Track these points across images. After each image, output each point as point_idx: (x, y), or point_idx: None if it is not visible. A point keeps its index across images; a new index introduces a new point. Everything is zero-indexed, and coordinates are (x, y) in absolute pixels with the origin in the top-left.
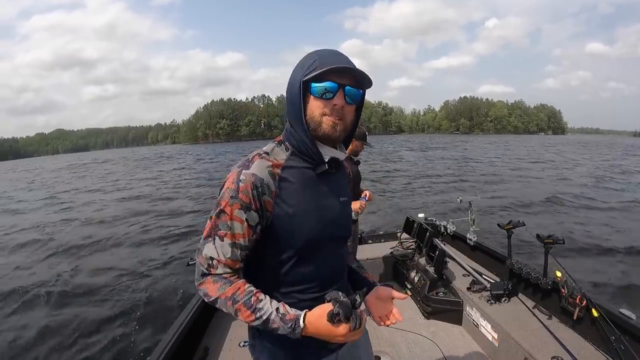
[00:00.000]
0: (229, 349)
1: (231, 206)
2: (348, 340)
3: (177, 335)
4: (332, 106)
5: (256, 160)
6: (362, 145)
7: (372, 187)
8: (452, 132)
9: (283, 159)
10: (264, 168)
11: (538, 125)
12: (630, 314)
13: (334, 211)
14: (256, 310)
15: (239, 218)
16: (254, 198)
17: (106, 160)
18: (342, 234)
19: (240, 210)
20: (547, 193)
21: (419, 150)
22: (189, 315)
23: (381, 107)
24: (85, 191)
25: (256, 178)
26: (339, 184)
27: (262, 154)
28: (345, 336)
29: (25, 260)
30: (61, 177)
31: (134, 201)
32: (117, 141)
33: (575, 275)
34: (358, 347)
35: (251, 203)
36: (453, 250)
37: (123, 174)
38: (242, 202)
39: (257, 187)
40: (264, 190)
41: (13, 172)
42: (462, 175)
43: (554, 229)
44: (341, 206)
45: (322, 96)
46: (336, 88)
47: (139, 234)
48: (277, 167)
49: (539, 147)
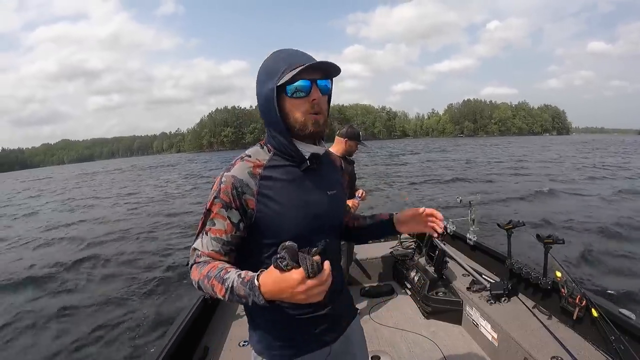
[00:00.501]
0: (229, 349)
1: (214, 205)
2: (313, 295)
3: (177, 335)
4: (311, 102)
5: (237, 164)
6: (357, 145)
7: (374, 187)
8: (456, 135)
9: (265, 159)
10: (244, 169)
11: (542, 126)
12: (630, 314)
13: (321, 205)
14: (224, 281)
15: (221, 215)
16: (233, 197)
17: (123, 170)
18: (331, 227)
19: (222, 208)
20: (547, 192)
21: (422, 152)
22: (189, 315)
23: (385, 112)
24: (92, 198)
25: (235, 179)
26: (328, 178)
27: (244, 157)
28: (304, 285)
29: (25, 258)
30: (77, 185)
31: (140, 206)
32: (122, 151)
33: (575, 275)
34: (353, 344)
35: (231, 202)
36: (453, 250)
37: (131, 181)
38: (223, 201)
39: (236, 187)
40: (244, 189)
41: (21, 182)
42: (463, 175)
43: (554, 228)
44: (330, 199)
45: (298, 95)
46: (309, 84)
47: (142, 235)
48: (259, 167)
49: (541, 147)
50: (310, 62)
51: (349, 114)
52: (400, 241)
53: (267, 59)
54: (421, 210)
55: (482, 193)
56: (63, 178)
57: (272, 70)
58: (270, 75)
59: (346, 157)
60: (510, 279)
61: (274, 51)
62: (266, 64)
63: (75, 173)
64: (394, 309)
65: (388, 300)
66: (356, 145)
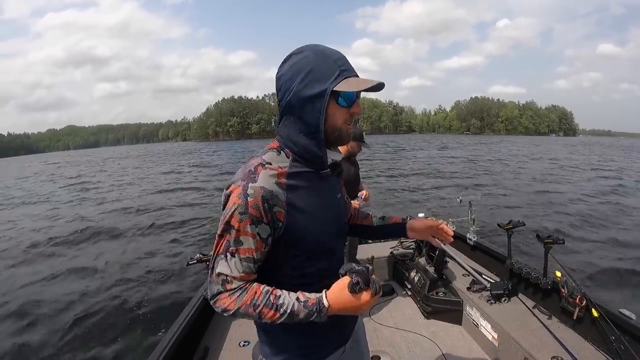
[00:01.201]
0: (229, 349)
1: (240, 222)
2: (368, 307)
3: (177, 335)
4: (351, 113)
5: (261, 172)
6: (359, 145)
7: (375, 185)
8: (462, 132)
9: (286, 166)
10: (271, 179)
11: (549, 127)
12: (630, 314)
13: (336, 209)
14: (278, 307)
15: (250, 233)
16: (264, 211)
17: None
18: (344, 229)
19: (252, 225)
20: (547, 193)
21: (425, 150)
22: (189, 315)
23: (392, 106)
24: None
25: (265, 191)
26: (333, 182)
27: (265, 164)
28: (370, 302)
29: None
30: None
31: (140, 197)
32: (127, 138)
33: (575, 275)
34: (360, 342)
35: (262, 217)
36: (453, 250)
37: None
38: (253, 216)
39: (267, 200)
40: (275, 202)
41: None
42: (463, 175)
43: (554, 228)
44: (340, 203)
45: (344, 104)
46: (354, 96)
47: (143, 232)
48: (282, 176)
49: (546, 148)
50: (369, 84)
51: None
52: (400, 241)
53: (309, 56)
54: (437, 223)
55: (482, 193)
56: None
57: (324, 71)
58: (321, 75)
59: (349, 158)
60: (511, 279)
61: (310, 45)
62: (309, 59)
63: (103, 157)
64: (394, 309)
65: (388, 300)
66: (359, 146)
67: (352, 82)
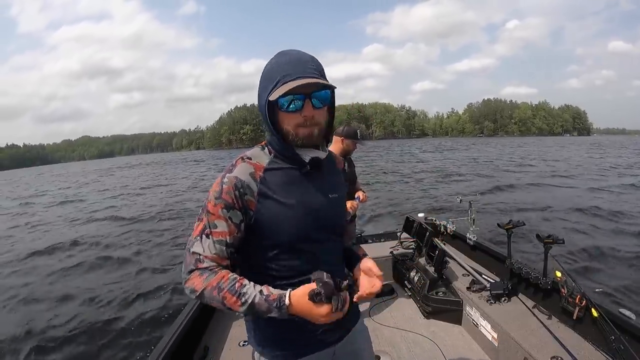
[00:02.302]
0: (229, 349)
1: (215, 206)
2: (329, 321)
3: (177, 334)
4: (302, 117)
5: (239, 164)
6: (354, 144)
7: (376, 184)
8: (476, 135)
9: (265, 162)
10: (246, 171)
11: (563, 127)
12: (630, 314)
13: (321, 207)
14: (241, 295)
15: (223, 217)
16: (236, 198)
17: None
18: (332, 229)
19: (224, 209)
20: (547, 193)
21: (428, 152)
22: (189, 315)
23: (404, 110)
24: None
25: (238, 180)
26: (329, 181)
27: (245, 158)
28: (327, 316)
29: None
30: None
31: (144, 207)
32: (142, 147)
33: (574, 275)
34: (356, 341)
35: (234, 203)
36: (453, 250)
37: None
38: (226, 201)
39: (238, 188)
40: (246, 191)
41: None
42: (464, 175)
43: (554, 229)
44: (330, 202)
45: (290, 110)
46: (302, 99)
47: (147, 234)
48: (259, 170)
49: (559, 148)
50: (301, 82)
51: (368, 112)
52: (400, 241)
53: (269, 63)
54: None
55: (483, 193)
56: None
57: (269, 79)
58: (266, 83)
59: (345, 157)
60: (510, 279)
61: (278, 52)
62: (266, 69)
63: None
64: (394, 309)
65: (388, 300)
66: (354, 144)
67: (286, 86)
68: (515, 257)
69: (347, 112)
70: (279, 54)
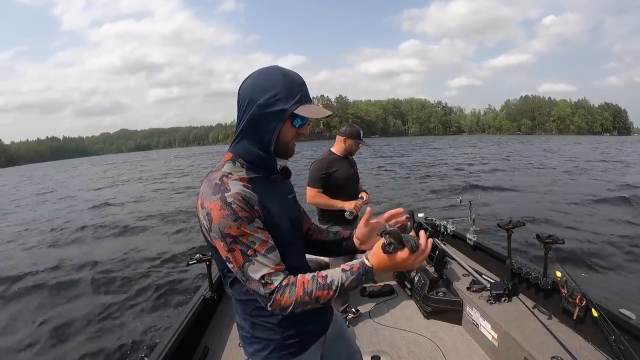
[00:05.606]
0: (229, 349)
1: (240, 227)
2: (418, 262)
3: (177, 335)
4: (298, 133)
5: (228, 182)
6: (357, 144)
7: (375, 184)
8: (513, 133)
9: (243, 174)
10: (239, 184)
11: (603, 125)
12: (630, 314)
13: (292, 208)
14: (329, 285)
15: (253, 231)
16: (250, 210)
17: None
18: (299, 225)
19: (249, 225)
20: (547, 193)
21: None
22: (188, 315)
23: (441, 107)
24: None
25: (241, 194)
26: (286, 185)
27: (227, 174)
28: (410, 259)
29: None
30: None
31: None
32: (178, 141)
33: (575, 275)
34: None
35: (251, 215)
36: (453, 250)
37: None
38: (246, 217)
39: (247, 200)
40: (252, 201)
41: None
42: (464, 175)
43: (554, 229)
44: (294, 202)
45: (295, 124)
46: (306, 121)
47: (144, 231)
48: (245, 181)
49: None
50: (325, 113)
51: (405, 108)
52: None
53: (277, 76)
54: (375, 221)
55: (483, 193)
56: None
57: (290, 90)
58: (287, 93)
59: (347, 158)
60: (511, 279)
61: (274, 66)
62: (277, 80)
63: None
64: (394, 309)
65: (388, 301)
66: (356, 144)
67: (311, 109)
68: (515, 257)
69: (382, 108)
70: (282, 70)
